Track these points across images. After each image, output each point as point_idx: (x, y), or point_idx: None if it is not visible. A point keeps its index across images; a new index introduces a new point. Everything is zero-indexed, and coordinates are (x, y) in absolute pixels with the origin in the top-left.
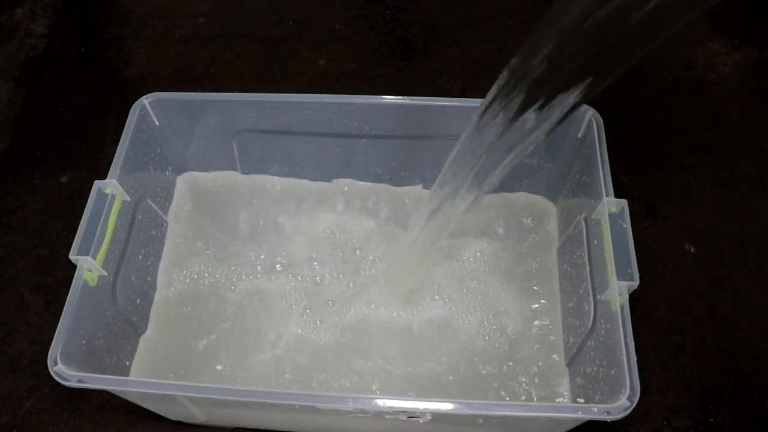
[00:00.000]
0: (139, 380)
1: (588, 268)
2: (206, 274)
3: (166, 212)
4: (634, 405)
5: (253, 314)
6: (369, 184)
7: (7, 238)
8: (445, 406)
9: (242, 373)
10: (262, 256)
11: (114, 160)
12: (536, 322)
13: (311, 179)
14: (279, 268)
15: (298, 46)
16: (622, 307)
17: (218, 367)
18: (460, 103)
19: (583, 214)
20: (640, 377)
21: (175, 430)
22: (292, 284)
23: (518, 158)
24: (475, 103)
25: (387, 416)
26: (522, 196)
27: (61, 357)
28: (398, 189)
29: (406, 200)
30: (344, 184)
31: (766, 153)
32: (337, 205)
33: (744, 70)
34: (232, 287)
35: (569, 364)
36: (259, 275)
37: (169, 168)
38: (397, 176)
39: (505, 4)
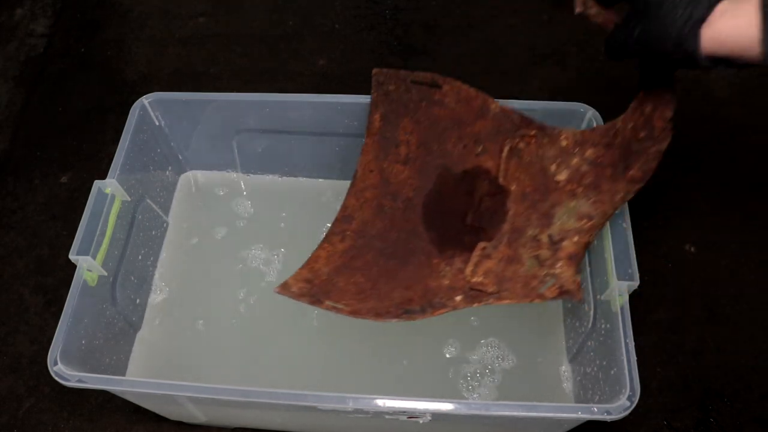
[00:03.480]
0: (139, 380)
1: (588, 268)
2: (206, 273)
3: (166, 212)
4: (634, 405)
5: (253, 313)
6: None
7: (7, 238)
8: (445, 406)
9: (242, 372)
10: (263, 256)
11: (114, 160)
12: (536, 322)
13: (311, 178)
14: (279, 268)
15: (298, 46)
16: (622, 308)
17: (217, 367)
18: None
19: None
20: (640, 377)
21: (175, 430)
22: None
23: None
24: None
25: (387, 416)
26: None
27: (61, 357)
28: None
29: None
30: (344, 184)
31: (766, 153)
32: (338, 204)
33: (744, 69)
34: (232, 286)
35: (569, 364)
36: (259, 274)
37: (169, 168)
38: None
39: (505, 4)
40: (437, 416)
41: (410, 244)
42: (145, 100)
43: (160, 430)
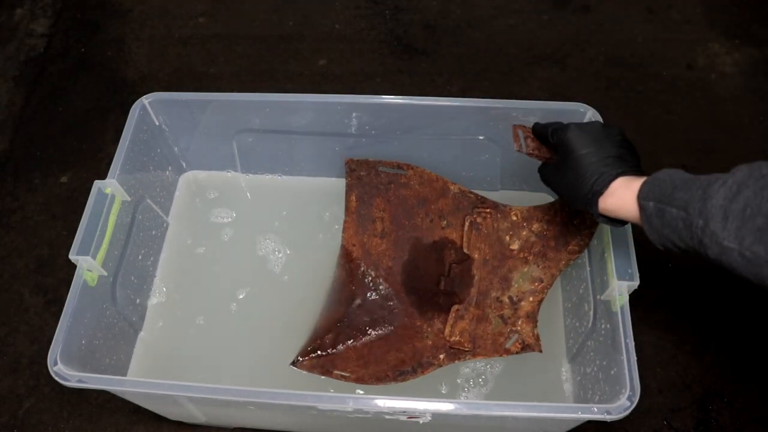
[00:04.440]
0: (139, 380)
1: (588, 268)
2: (207, 273)
3: (166, 212)
4: (634, 405)
5: (254, 313)
6: None
7: (7, 238)
8: (445, 406)
9: (243, 373)
10: (264, 255)
11: (114, 160)
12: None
13: (311, 177)
14: (279, 267)
15: (298, 46)
16: (622, 308)
17: (217, 367)
18: (460, 103)
19: None
20: (640, 377)
21: (175, 430)
22: (293, 282)
23: None
24: (475, 103)
25: (387, 416)
26: (522, 195)
27: (61, 357)
28: None
29: None
30: (344, 183)
31: (766, 153)
32: (337, 204)
33: (744, 70)
34: (233, 286)
35: (569, 364)
36: (260, 274)
37: (169, 168)
38: None
39: (505, 4)
40: (437, 416)
41: (395, 308)
42: (145, 100)
43: (160, 430)
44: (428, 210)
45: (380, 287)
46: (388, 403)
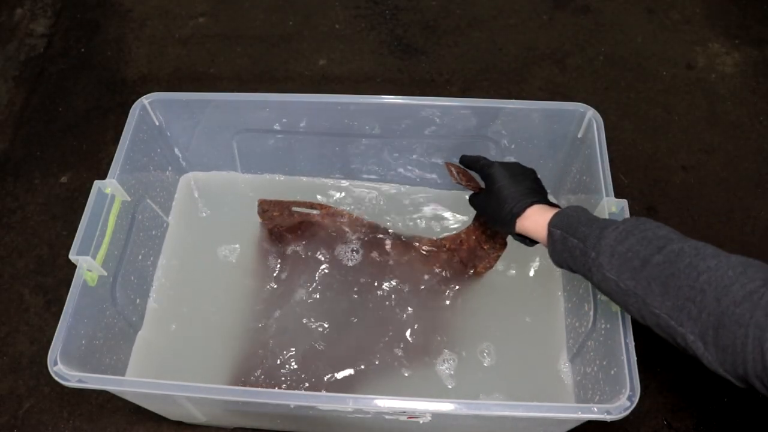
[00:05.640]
0: (139, 380)
1: None
2: (206, 273)
3: (166, 212)
4: (634, 405)
5: (253, 313)
6: (368, 183)
7: (7, 238)
8: (445, 407)
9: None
10: (263, 255)
11: (114, 160)
12: (537, 323)
13: (311, 177)
14: (278, 267)
15: (298, 46)
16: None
17: (217, 367)
18: (460, 103)
19: None
20: (640, 377)
21: (175, 430)
22: (292, 281)
23: None
24: (475, 103)
25: (387, 416)
26: None
27: (61, 357)
28: (398, 187)
29: (406, 199)
30: (344, 183)
31: (766, 153)
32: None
33: (744, 70)
34: (233, 286)
35: (569, 364)
36: (260, 273)
37: (169, 168)
38: (397, 175)
39: (505, 4)
40: (437, 416)
41: (311, 328)
42: (145, 100)
43: (160, 430)
44: (340, 243)
45: (295, 311)
46: (388, 403)
